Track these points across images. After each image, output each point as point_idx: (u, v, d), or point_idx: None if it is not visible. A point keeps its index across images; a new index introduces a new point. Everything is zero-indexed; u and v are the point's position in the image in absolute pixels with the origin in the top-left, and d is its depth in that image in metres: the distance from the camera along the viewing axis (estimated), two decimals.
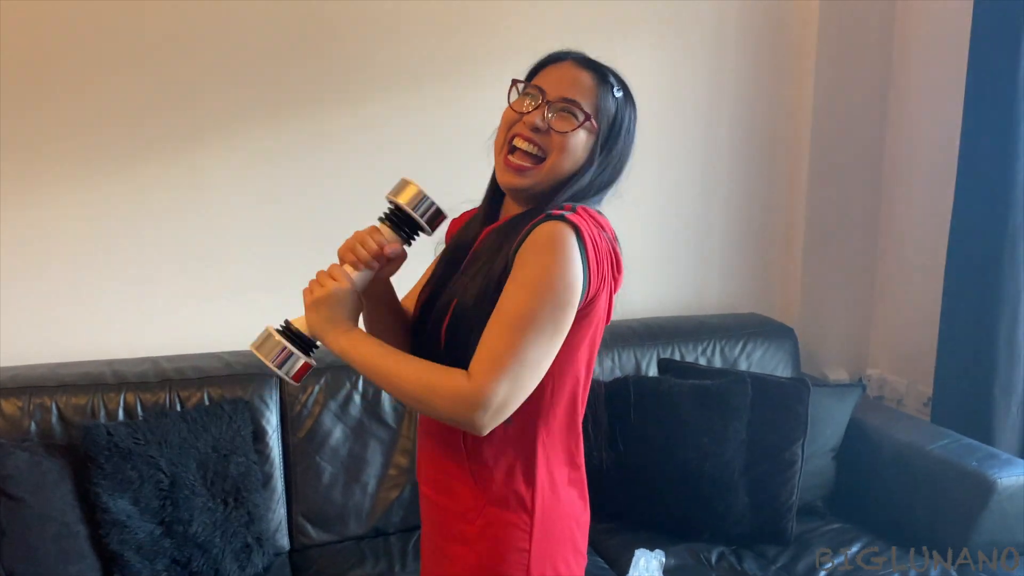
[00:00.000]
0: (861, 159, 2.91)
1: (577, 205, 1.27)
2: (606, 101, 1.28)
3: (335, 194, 2.42)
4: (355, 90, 2.40)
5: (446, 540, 1.34)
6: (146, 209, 2.27)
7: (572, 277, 1.18)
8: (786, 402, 2.26)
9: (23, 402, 1.99)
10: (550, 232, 1.19)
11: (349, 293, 1.27)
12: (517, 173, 1.27)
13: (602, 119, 1.28)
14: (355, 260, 1.29)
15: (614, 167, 1.31)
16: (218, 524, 1.95)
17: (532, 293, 1.17)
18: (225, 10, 2.26)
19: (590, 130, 1.27)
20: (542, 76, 1.30)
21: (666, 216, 2.81)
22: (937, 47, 2.72)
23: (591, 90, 1.27)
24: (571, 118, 1.26)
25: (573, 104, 1.26)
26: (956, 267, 2.52)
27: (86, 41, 2.16)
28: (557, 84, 1.27)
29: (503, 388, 1.16)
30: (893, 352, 2.95)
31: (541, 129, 1.26)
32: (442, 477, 1.33)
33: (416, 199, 1.29)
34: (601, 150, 1.29)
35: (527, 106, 1.28)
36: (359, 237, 1.30)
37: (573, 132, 1.25)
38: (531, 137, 1.26)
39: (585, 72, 1.28)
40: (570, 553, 1.32)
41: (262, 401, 2.16)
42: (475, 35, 2.48)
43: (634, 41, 2.68)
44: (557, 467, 1.31)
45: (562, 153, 1.26)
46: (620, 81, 1.32)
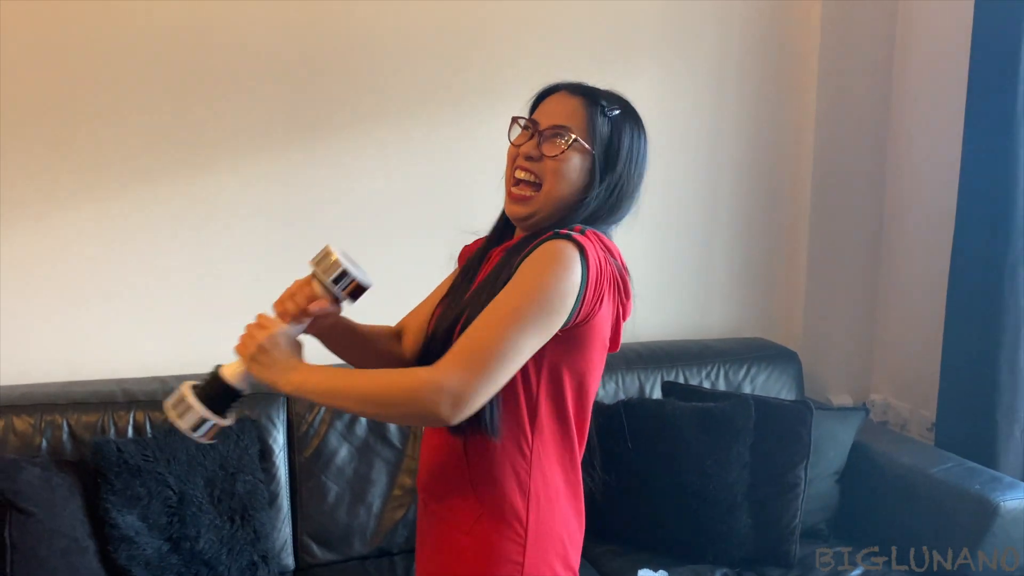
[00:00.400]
0: (864, 186, 2.94)
1: (587, 229, 1.30)
2: (596, 122, 1.32)
3: (345, 215, 2.46)
4: (367, 114, 2.45)
5: (440, 550, 1.35)
6: (155, 229, 2.31)
7: (565, 288, 1.20)
8: (789, 425, 2.28)
9: (35, 419, 2.02)
10: (553, 246, 1.22)
11: (280, 336, 1.28)
12: (520, 202, 1.32)
13: (595, 141, 1.32)
14: (282, 312, 1.32)
15: (622, 189, 1.34)
16: (225, 541, 1.96)
17: (521, 292, 1.20)
18: (236, 32, 2.32)
19: (581, 151, 1.31)
20: (539, 110, 1.36)
21: (670, 240, 2.84)
22: (937, 69, 2.76)
23: (580, 114, 1.32)
24: (559, 142, 1.31)
25: (562, 128, 1.31)
26: (958, 293, 2.54)
27: (99, 58, 2.22)
28: (549, 114, 1.33)
29: (466, 376, 1.15)
30: (896, 377, 2.97)
31: (534, 157, 1.31)
32: (440, 487, 1.35)
33: (332, 270, 1.30)
34: (602, 172, 1.32)
35: (522, 138, 1.35)
36: (291, 289, 1.33)
37: (563, 155, 1.30)
38: (527, 166, 1.32)
39: (575, 98, 1.34)
40: (560, 568, 1.33)
41: (269, 420, 2.19)
42: (486, 64, 2.52)
43: (636, 66, 2.72)
44: (552, 481, 1.32)
45: (556, 176, 1.30)
46: (616, 101, 1.36)
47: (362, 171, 2.47)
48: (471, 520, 1.30)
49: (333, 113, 2.43)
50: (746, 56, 2.85)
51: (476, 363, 1.16)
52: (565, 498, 1.34)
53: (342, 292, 1.30)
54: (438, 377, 1.16)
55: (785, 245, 2.98)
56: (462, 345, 1.19)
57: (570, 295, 1.21)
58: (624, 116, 1.35)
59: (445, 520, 1.34)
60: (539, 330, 1.20)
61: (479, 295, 1.30)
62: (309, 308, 1.31)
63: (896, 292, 2.95)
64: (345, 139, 2.45)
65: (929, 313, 2.76)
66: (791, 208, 2.96)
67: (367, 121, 2.45)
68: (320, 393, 1.23)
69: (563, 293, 1.20)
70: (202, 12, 2.28)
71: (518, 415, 1.28)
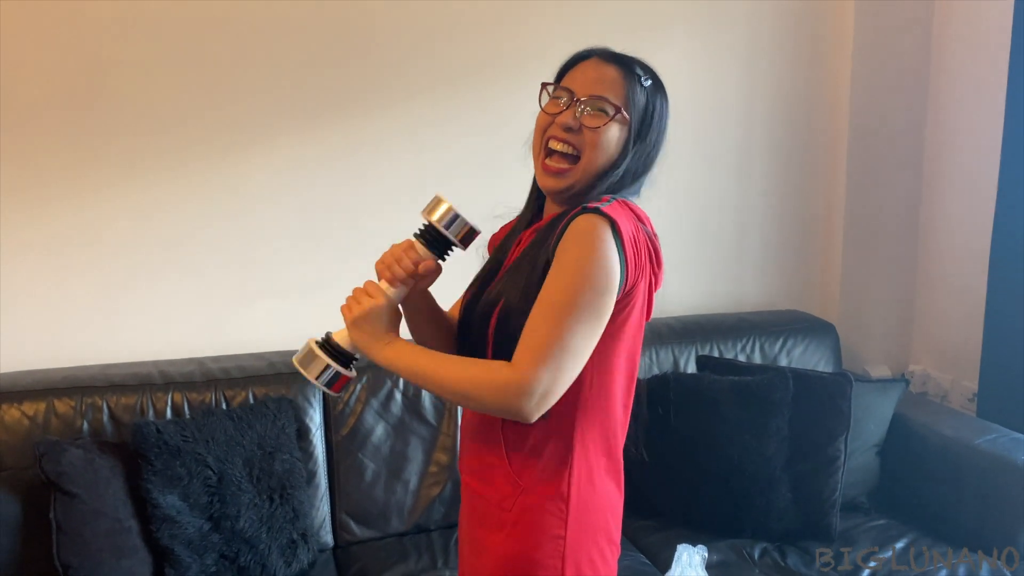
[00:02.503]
0: (901, 152, 2.88)
1: (615, 197, 1.29)
2: (635, 92, 1.30)
3: (373, 198, 2.45)
4: (391, 94, 2.43)
5: (484, 529, 1.36)
6: (188, 212, 2.32)
7: (609, 265, 1.20)
8: (828, 397, 2.25)
9: (75, 401, 2.04)
10: (584, 224, 1.21)
11: (386, 308, 1.32)
12: (556, 176, 1.30)
13: (633, 111, 1.30)
14: (391, 277, 1.33)
15: (648, 156, 1.34)
16: (264, 520, 1.98)
17: (570, 282, 1.19)
18: (259, 15, 2.30)
19: (622, 123, 1.29)
20: (570, 76, 1.33)
21: (704, 213, 2.81)
22: (977, 37, 2.68)
23: (619, 83, 1.29)
24: (601, 114, 1.28)
25: (602, 100, 1.28)
26: (1001, 260, 2.49)
27: (130, 43, 2.22)
28: (585, 82, 1.30)
29: (546, 375, 1.18)
30: (936, 348, 2.91)
31: (573, 128, 1.28)
32: (482, 467, 1.36)
33: (448, 217, 1.32)
34: (635, 141, 1.31)
35: (558, 107, 1.31)
36: (395, 254, 1.34)
37: (605, 127, 1.28)
38: (565, 137, 1.29)
39: (611, 67, 1.31)
40: (604, 542, 1.34)
41: (305, 400, 2.20)
42: (510, 37, 2.50)
43: (669, 39, 2.68)
44: (595, 456, 1.32)
45: (596, 149, 1.28)
46: (648, 70, 1.34)
47: (396, 152, 2.45)
48: (513, 497, 1.30)
49: (366, 94, 2.41)
50: (780, 24, 2.78)
51: (554, 361, 1.18)
52: (607, 472, 1.34)
53: (455, 237, 1.32)
54: (524, 379, 1.18)
55: (821, 216, 2.93)
56: (535, 343, 1.19)
57: (614, 271, 1.21)
58: (656, 86, 1.34)
59: (487, 498, 1.34)
60: (598, 315, 1.21)
61: (515, 279, 1.29)
62: (419, 270, 1.32)
63: (936, 262, 2.89)
64: (379, 120, 2.43)
65: (970, 283, 2.70)
66: (827, 178, 2.91)
67: (399, 103, 2.43)
68: (410, 372, 1.28)
69: (607, 271, 1.20)
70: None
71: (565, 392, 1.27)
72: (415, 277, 1.33)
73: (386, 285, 1.34)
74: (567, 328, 1.18)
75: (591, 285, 1.19)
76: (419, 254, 1.33)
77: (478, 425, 1.36)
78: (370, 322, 1.30)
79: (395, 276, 1.32)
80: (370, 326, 1.30)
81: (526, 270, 1.28)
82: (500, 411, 1.22)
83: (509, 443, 1.31)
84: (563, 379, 1.20)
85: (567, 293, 1.19)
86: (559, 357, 1.18)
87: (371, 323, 1.30)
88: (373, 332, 1.30)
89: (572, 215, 1.24)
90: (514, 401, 1.18)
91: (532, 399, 1.18)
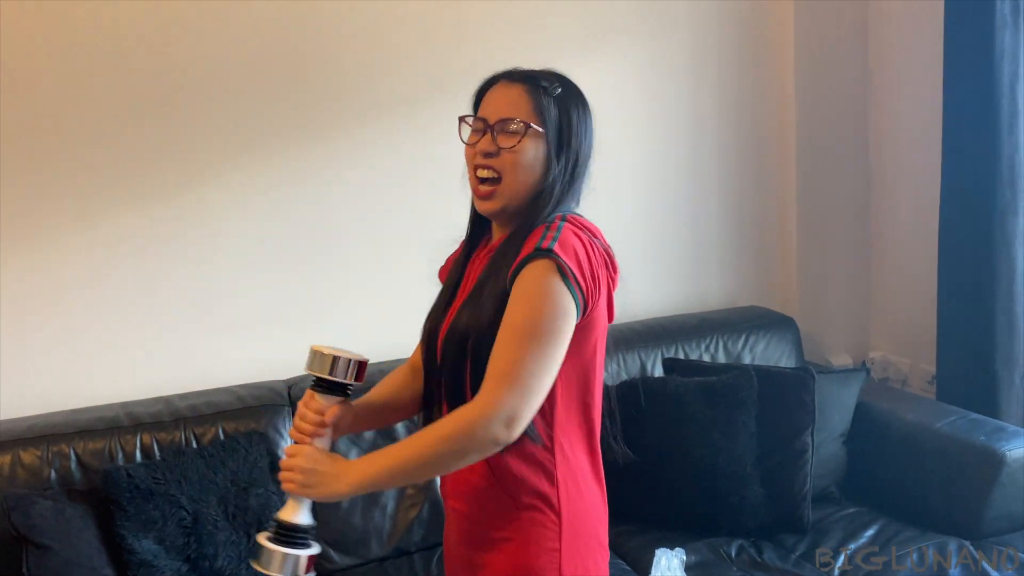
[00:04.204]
0: (848, 146, 2.95)
1: (565, 217, 1.33)
2: (542, 105, 1.33)
3: (334, 225, 2.45)
4: (349, 119, 2.43)
5: (476, 549, 1.37)
6: (147, 248, 2.29)
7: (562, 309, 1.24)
8: (792, 392, 2.29)
9: (42, 451, 2.01)
10: (532, 275, 1.25)
11: (316, 452, 1.30)
12: (487, 199, 1.35)
13: (546, 123, 1.33)
14: (301, 436, 1.34)
15: (577, 162, 1.37)
16: (243, 556, 1.97)
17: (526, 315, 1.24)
18: (219, 43, 2.29)
19: (536, 137, 1.33)
20: (483, 105, 1.38)
21: (660, 216, 2.84)
22: (912, 34, 2.76)
23: (524, 100, 1.33)
24: (514, 133, 1.32)
25: (510, 120, 1.32)
26: (949, 245, 2.55)
27: (81, 80, 2.19)
28: (495, 107, 1.35)
29: (511, 398, 1.20)
30: (894, 333, 2.98)
31: (492, 153, 1.33)
32: (468, 489, 1.37)
33: (330, 364, 1.33)
34: (557, 152, 1.34)
35: (477, 137, 1.35)
36: (299, 412, 1.36)
37: (520, 145, 1.32)
38: (487, 163, 1.33)
39: (516, 86, 1.35)
40: (595, 547, 1.38)
41: (276, 432, 2.19)
42: (468, 55, 2.50)
43: (614, 47, 2.71)
44: (576, 461, 1.35)
45: (516, 168, 1.32)
46: (556, 79, 1.37)
47: (356, 178, 2.45)
48: (505, 516, 1.33)
49: (324, 121, 2.41)
50: (723, 27, 2.84)
51: (515, 382, 1.21)
52: (590, 478, 1.38)
53: (346, 378, 1.33)
54: (485, 407, 1.20)
55: (775, 211, 2.98)
56: (496, 370, 1.22)
57: (570, 312, 1.24)
58: (567, 92, 1.37)
59: (477, 519, 1.36)
60: (559, 340, 1.24)
61: (478, 309, 1.30)
62: (325, 420, 1.33)
63: (888, 251, 2.96)
64: (337, 146, 2.43)
65: (923, 267, 2.77)
66: (779, 176, 2.96)
67: (357, 127, 2.43)
68: (384, 479, 1.28)
69: (563, 313, 1.24)
70: (178, 27, 2.26)
71: (543, 425, 1.30)
72: (324, 427, 1.34)
73: (306, 441, 1.34)
74: (530, 351, 1.22)
75: (547, 321, 1.23)
76: (321, 403, 1.34)
77: None
78: (311, 475, 1.27)
79: (305, 433, 1.34)
80: (315, 478, 1.27)
81: (488, 303, 1.30)
82: (478, 448, 1.22)
83: (491, 462, 1.32)
84: (531, 399, 1.22)
85: (526, 325, 1.23)
86: (523, 377, 1.21)
87: (313, 475, 1.27)
88: (322, 479, 1.27)
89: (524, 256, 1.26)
90: (483, 431, 1.20)
91: (499, 423, 1.20)
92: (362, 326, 2.45)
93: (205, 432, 2.13)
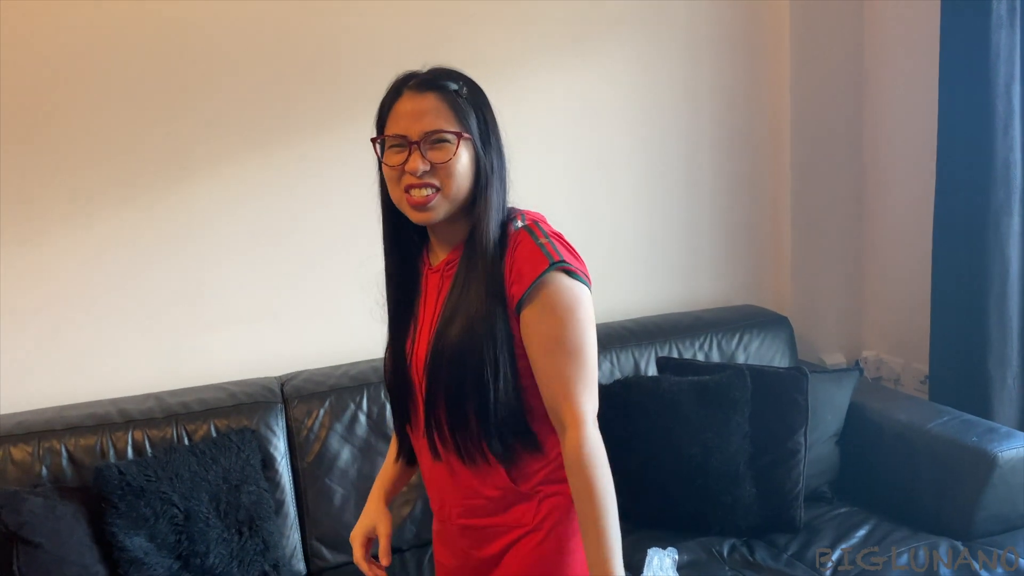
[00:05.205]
0: (842, 145, 2.94)
1: (522, 217, 1.35)
2: (461, 110, 1.31)
3: (327, 221, 2.44)
4: (341, 116, 2.41)
5: (500, 551, 1.39)
6: (139, 244, 2.29)
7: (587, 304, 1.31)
8: (786, 392, 2.29)
9: (32, 447, 2.01)
10: (556, 289, 1.28)
11: None
12: (425, 209, 1.31)
13: (470, 127, 1.31)
14: None
15: (499, 153, 1.37)
16: (235, 554, 1.97)
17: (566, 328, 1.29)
18: (212, 44, 2.28)
19: (465, 142, 1.31)
20: (393, 120, 1.32)
21: (654, 216, 2.84)
22: (907, 33, 2.75)
23: (443, 109, 1.30)
24: (445, 145, 1.29)
25: (437, 132, 1.29)
26: (943, 245, 2.55)
27: (75, 80, 2.18)
28: (411, 122, 1.29)
29: (590, 404, 1.28)
30: (887, 333, 2.99)
31: (427, 170, 1.29)
32: (483, 502, 1.38)
33: None
34: (485, 151, 1.33)
35: (401, 156, 1.30)
36: None
37: (456, 156, 1.29)
38: (423, 182, 1.29)
39: (426, 95, 1.30)
40: None
41: (268, 429, 2.18)
42: (461, 52, 2.49)
43: (610, 44, 2.70)
44: None
45: (454, 177, 1.30)
46: (456, 77, 1.34)
47: (346, 176, 2.43)
48: (533, 523, 1.36)
49: (315, 117, 2.40)
50: (719, 25, 2.83)
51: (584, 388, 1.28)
52: None
53: None
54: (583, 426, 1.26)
55: (769, 210, 2.98)
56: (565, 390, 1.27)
57: (589, 298, 1.32)
58: (471, 88, 1.35)
59: (494, 526, 1.38)
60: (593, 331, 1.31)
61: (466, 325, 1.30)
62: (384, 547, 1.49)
63: (882, 248, 2.96)
64: (328, 143, 2.41)
65: (916, 267, 2.77)
66: (773, 174, 2.96)
67: (348, 124, 2.41)
68: (615, 561, 1.25)
69: (587, 305, 1.31)
70: (173, 27, 2.24)
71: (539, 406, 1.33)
72: None
73: None
74: (582, 358, 1.28)
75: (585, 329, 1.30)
76: None
77: (462, 467, 1.37)
78: None
79: None
80: None
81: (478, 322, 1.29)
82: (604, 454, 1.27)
83: (516, 479, 1.36)
84: (594, 390, 1.30)
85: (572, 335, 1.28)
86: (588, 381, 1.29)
87: None
88: None
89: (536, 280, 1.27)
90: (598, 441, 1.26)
91: (596, 427, 1.27)
92: (356, 323, 2.44)
93: (197, 429, 2.13)
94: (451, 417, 1.32)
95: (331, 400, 2.25)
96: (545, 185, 2.58)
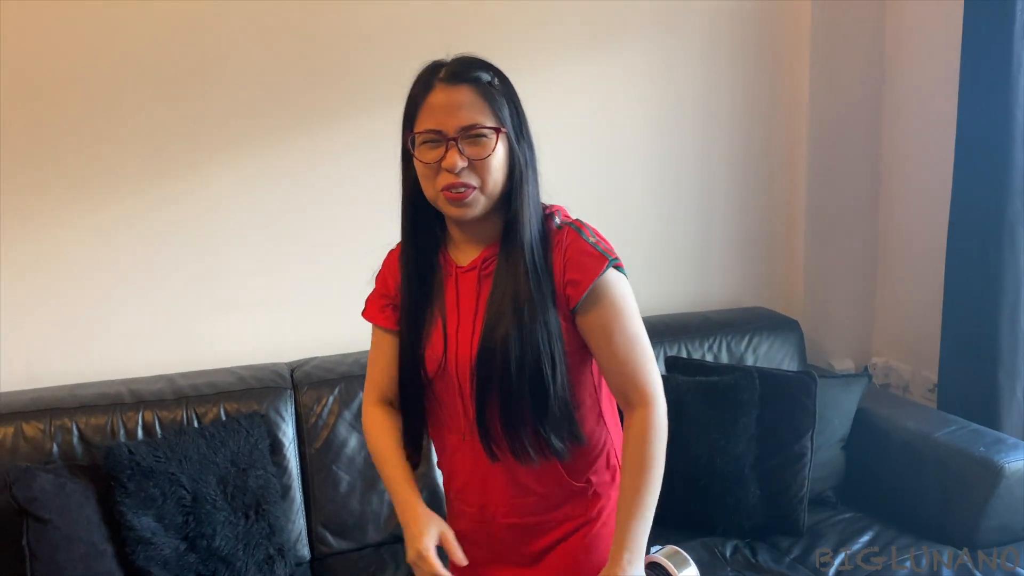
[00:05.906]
0: (859, 150, 2.93)
1: (560, 212, 1.38)
2: (496, 102, 1.28)
3: (341, 208, 2.45)
4: (357, 105, 2.42)
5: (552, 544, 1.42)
6: (155, 227, 2.30)
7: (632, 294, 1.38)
8: (794, 395, 2.29)
9: (44, 424, 2.03)
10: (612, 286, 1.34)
11: None
12: (463, 204, 1.28)
13: (504, 118, 1.29)
14: None
15: (531, 143, 1.35)
16: (240, 537, 1.98)
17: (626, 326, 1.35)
18: (228, 28, 2.29)
19: (502, 137, 1.29)
20: (425, 115, 1.28)
21: (668, 214, 2.84)
22: (929, 36, 2.74)
23: (479, 103, 1.26)
24: (483, 140, 1.26)
25: (475, 127, 1.25)
26: (956, 254, 2.54)
27: (92, 62, 2.20)
28: (446, 116, 1.25)
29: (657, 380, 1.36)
30: (897, 340, 2.98)
31: (465, 166, 1.26)
32: (535, 499, 1.40)
33: None
34: (519, 144, 1.31)
35: (436, 152, 1.27)
36: None
37: (494, 152, 1.27)
38: (461, 182, 1.26)
39: (460, 88, 1.26)
40: None
41: (277, 414, 2.20)
42: (475, 45, 2.49)
43: (628, 42, 2.70)
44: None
45: (492, 173, 1.28)
46: (486, 68, 1.31)
47: (361, 163, 2.44)
48: (587, 515, 1.41)
49: (332, 105, 2.41)
50: (738, 25, 2.82)
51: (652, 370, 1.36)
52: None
53: None
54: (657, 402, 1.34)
55: (783, 213, 2.97)
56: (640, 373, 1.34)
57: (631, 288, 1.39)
58: (501, 78, 1.32)
59: (546, 522, 1.42)
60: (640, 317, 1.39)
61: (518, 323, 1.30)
62: None
63: (895, 255, 2.96)
64: (345, 131, 2.42)
65: (929, 274, 2.76)
66: (788, 176, 2.95)
67: (365, 113, 2.42)
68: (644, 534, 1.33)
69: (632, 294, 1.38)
70: (188, 11, 2.25)
71: (595, 409, 1.40)
72: None
73: None
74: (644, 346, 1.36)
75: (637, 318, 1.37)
76: None
77: (516, 464, 1.37)
78: None
79: None
80: None
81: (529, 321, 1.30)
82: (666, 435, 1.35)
83: (572, 472, 1.40)
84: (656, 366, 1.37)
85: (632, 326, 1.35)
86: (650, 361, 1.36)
87: None
88: None
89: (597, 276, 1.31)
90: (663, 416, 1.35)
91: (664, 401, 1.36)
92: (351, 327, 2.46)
93: (207, 412, 2.14)
94: (508, 415, 1.32)
95: (340, 387, 2.26)
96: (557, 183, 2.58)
